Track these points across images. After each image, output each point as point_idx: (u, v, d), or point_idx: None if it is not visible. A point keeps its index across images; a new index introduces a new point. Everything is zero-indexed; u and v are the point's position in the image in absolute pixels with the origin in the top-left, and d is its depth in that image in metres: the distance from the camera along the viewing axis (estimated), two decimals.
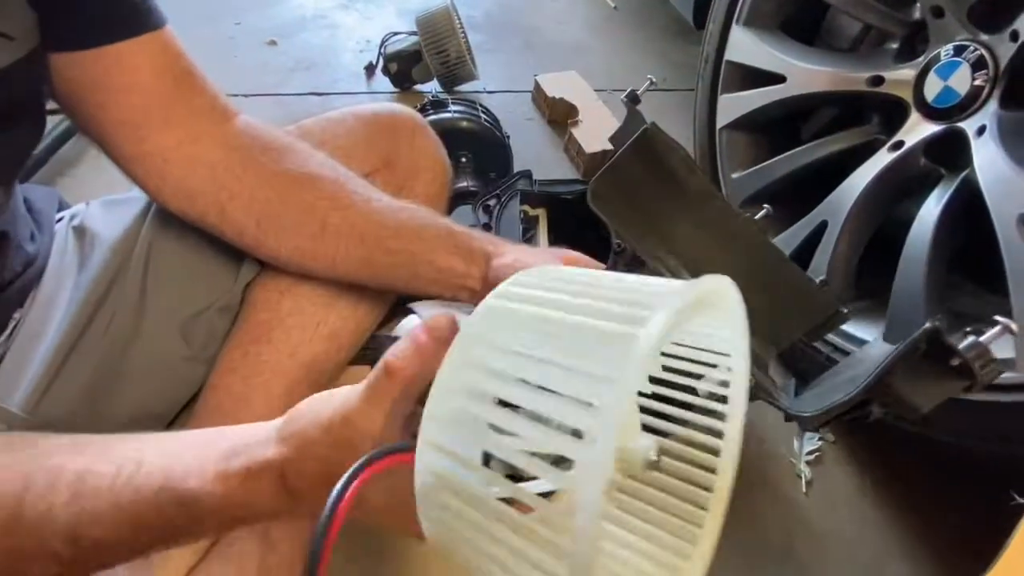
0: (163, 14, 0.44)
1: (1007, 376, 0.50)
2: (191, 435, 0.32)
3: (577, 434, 0.18)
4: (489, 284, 0.50)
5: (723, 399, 0.25)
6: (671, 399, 0.25)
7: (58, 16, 0.38)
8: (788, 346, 0.47)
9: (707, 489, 0.25)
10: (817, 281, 0.51)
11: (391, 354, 0.25)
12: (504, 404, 0.20)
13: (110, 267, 0.50)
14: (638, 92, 0.59)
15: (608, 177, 0.56)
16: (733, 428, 0.25)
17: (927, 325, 0.27)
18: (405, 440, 0.25)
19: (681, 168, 0.46)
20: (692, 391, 0.25)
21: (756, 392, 0.29)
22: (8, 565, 0.27)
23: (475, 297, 0.52)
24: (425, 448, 0.21)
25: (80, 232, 0.53)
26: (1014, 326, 0.28)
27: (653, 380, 0.25)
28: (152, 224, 0.52)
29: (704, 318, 0.23)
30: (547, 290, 0.21)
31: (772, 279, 0.46)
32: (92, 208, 0.56)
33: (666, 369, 0.25)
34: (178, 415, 0.54)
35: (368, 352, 0.64)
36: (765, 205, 0.55)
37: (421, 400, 0.23)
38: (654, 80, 0.61)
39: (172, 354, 0.51)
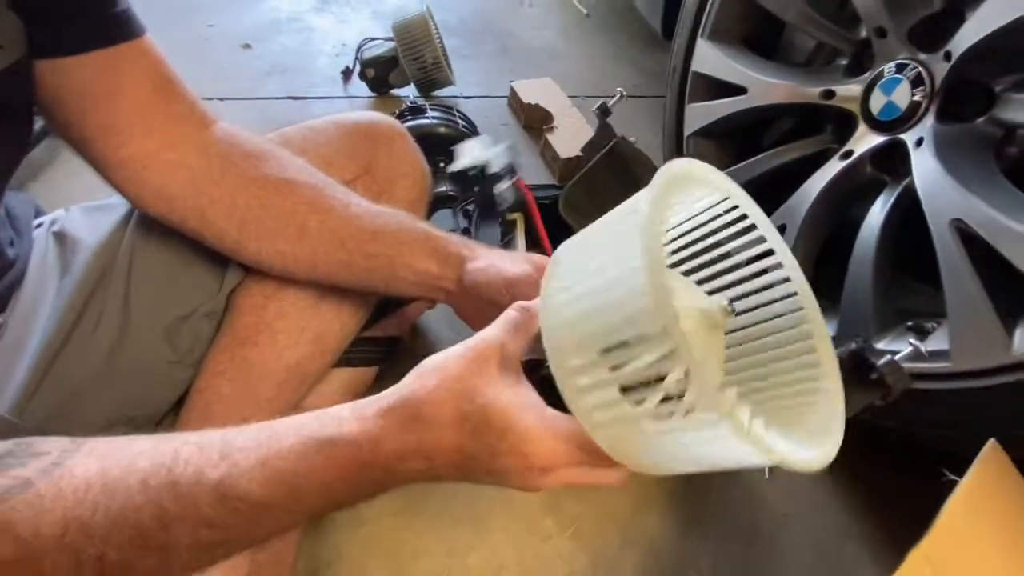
0: (142, 23, 0.45)
1: (944, 366, 0.55)
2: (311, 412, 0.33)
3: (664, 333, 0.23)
4: (463, 286, 0.53)
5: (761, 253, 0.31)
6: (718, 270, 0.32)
7: (44, 24, 0.39)
8: None
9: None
10: None
11: (525, 302, 0.33)
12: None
13: (93, 272, 0.50)
14: (608, 104, 0.62)
15: (579, 186, 0.60)
16: (788, 262, 0.31)
17: (852, 345, 0.31)
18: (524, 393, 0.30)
19: (649, 179, 0.49)
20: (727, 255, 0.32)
21: None
22: (161, 536, 0.27)
23: (450, 298, 0.55)
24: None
25: (61, 238, 0.53)
26: (922, 347, 0.32)
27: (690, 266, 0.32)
28: (135, 230, 0.52)
29: (691, 193, 0.30)
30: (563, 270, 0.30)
31: None
32: (72, 214, 0.56)
33: (695, 253, 0.32)
34: (163, 418, 0.55)
35: (351, 354, 0.66)
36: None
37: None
38: (624, 92, 0.64)
39: (157, 358, 0.52)
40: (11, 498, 0.25)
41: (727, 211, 0.31)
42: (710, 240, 0.31)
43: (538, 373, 0.32)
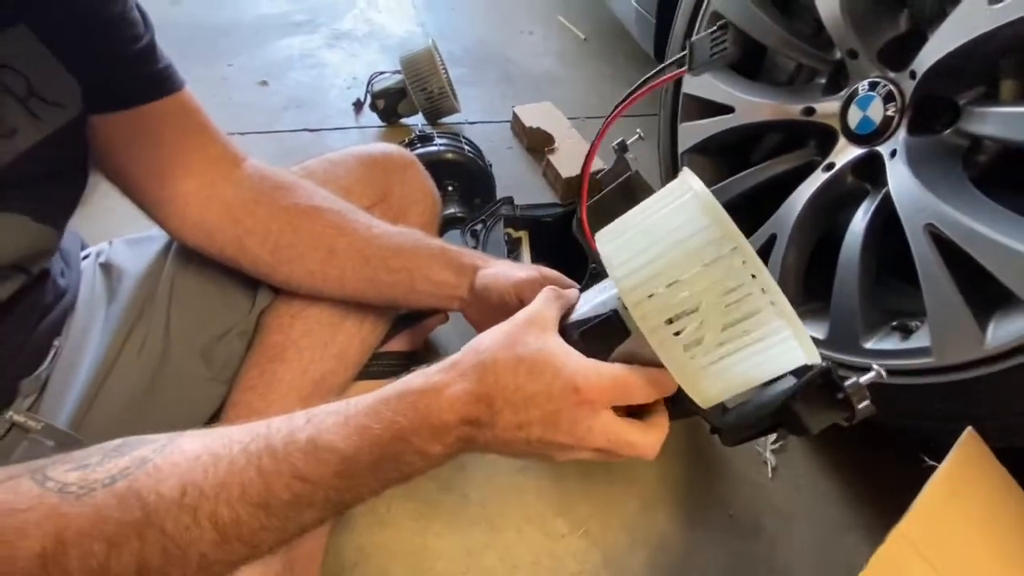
0: (181, 77, 0.49)
1: (927, 361, 0.58)
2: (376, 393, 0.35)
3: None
4: (475, 292, 0.58)
5: None
6: None
7: (98, 84, 0.44)
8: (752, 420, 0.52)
9: None
10: None
11: (548, 289, 0.39)
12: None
13: (137, 300, 0.55)
14: (627, 142, 0.67)
15: (592, 210, 0.64)
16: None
17: (822, 365, 0.34)
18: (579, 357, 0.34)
19: None
20: None
21: (694, 410, 0.35)
22: (262, 498, 0.30)
23: (463, 305, 0.60)
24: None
25: (107, 268, 0.58)
26: (884, 373, 0.35)
27: None
28: (174, 259, 0.58)
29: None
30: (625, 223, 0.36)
31: None
32: (116, 246, 0.61)
33: None
34: None
35: (371, 368, 0.70)
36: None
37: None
38: (641, 134, 0.70)
39: (195, 376, 0.56)
40: (134, 471, 0.29)
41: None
42: None
43: (574, 334, 0.36)
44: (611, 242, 0.35)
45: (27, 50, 0.39)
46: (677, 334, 0.31)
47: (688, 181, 0.32)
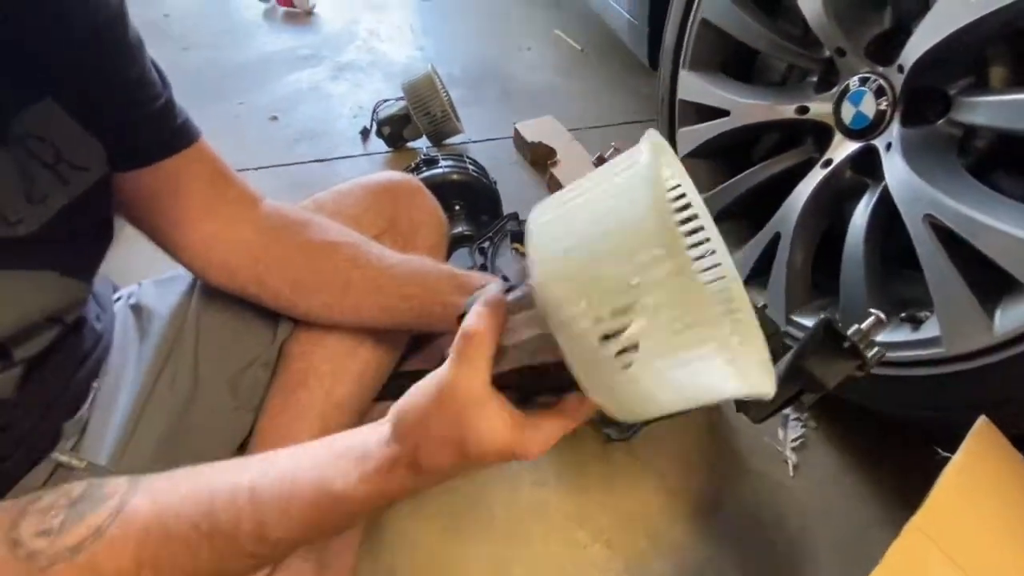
0: (198, 128, 0.52)
1: (938, 351, 0.58)
2: (325, 446, 0.37)
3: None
4: None
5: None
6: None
7: (122, 146, 0.46)
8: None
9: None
10: (759, 305, 0.58)
11: (463, 326, 0.33)
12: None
13: (167, 337, 0.58)
14: (605, 156, 0.69)
15: None
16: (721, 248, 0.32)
17: (822, 316, 0.35)
18: (492, 392, 0.32)
19: None
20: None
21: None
22: (215, 566, 0.34)
23: None
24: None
25: (137, 309, 0.62)
26: (883, 316, 0.35)
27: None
28: (199, 297, 0.61)
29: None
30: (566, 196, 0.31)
31: None
32: (145, 288, 0.64)
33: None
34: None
35: (389, 389, 0.73)
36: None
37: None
38: (616, 146, 0.72)
39: (224, 406, 0.59)
40: (92, 545, 0.32)
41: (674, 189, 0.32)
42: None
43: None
44: (542, 216, 0.30)
45: (54, 120, 0.41)
46: (607, 338, 0.26)
47: (641, 148, 0.27)
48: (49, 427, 0.48)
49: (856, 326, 0.35)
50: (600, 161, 0.71)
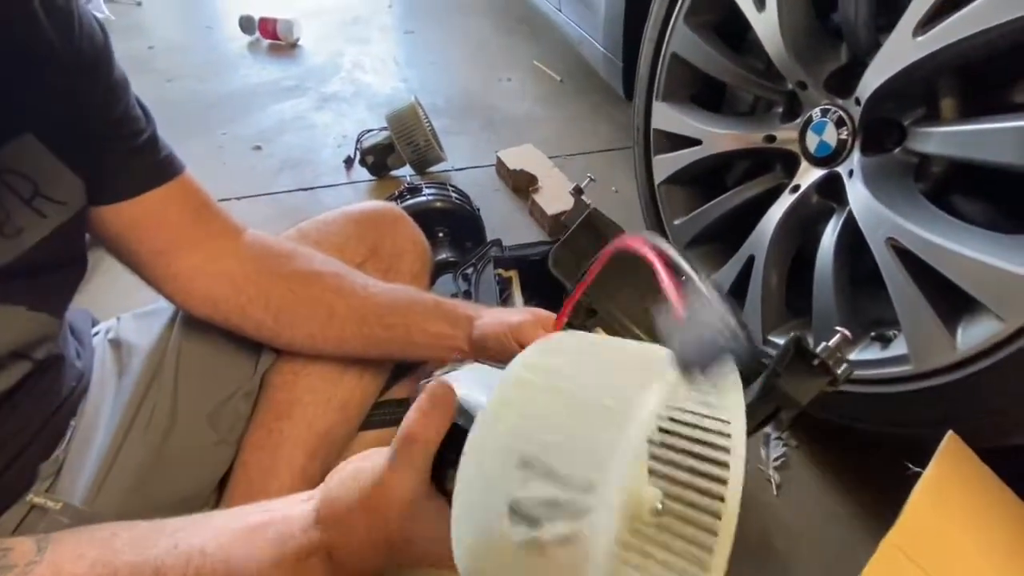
0: (181, 161, 0.52)
1: (906, 368, 0.60)
2: (243, 518, 0.34)
3: (588, 488, 0.21)
4: (474, 342, 0.60)
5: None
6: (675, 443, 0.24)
7: (104, 179, 0.46)
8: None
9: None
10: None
11: (405, 425, 0.30)
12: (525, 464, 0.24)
13: (146, 372, 0.57)
14: (582, 186, 0.72)
15: (563, 249, 0.68)
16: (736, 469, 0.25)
17: (792, 335, 0.36)
18: (432, 495, 0.30)
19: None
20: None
21: None
22: None
23: (464, 355, 0.62)
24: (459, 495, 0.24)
25: (116, 344, 0.60)
26: (848, 333, 0.37)
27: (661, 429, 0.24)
28: (179, 329, 0.60)
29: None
30: (554, 359, 0.26)
31: None
32: (124, 321, 0.64)
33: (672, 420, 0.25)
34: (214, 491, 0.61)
35: (374, 418, 0.72)
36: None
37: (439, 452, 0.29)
38: (592, 177, 0.74)
39: (203, 441, 0.58)
40: None
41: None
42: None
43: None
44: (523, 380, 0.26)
45: (33, 156, 0.41)
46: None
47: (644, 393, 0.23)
48: (25, 467, 0.47)
49: (824, 344, 0.36)
50: (577, 192, 0.73)
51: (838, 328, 0.37)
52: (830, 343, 0.36)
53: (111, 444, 0.53)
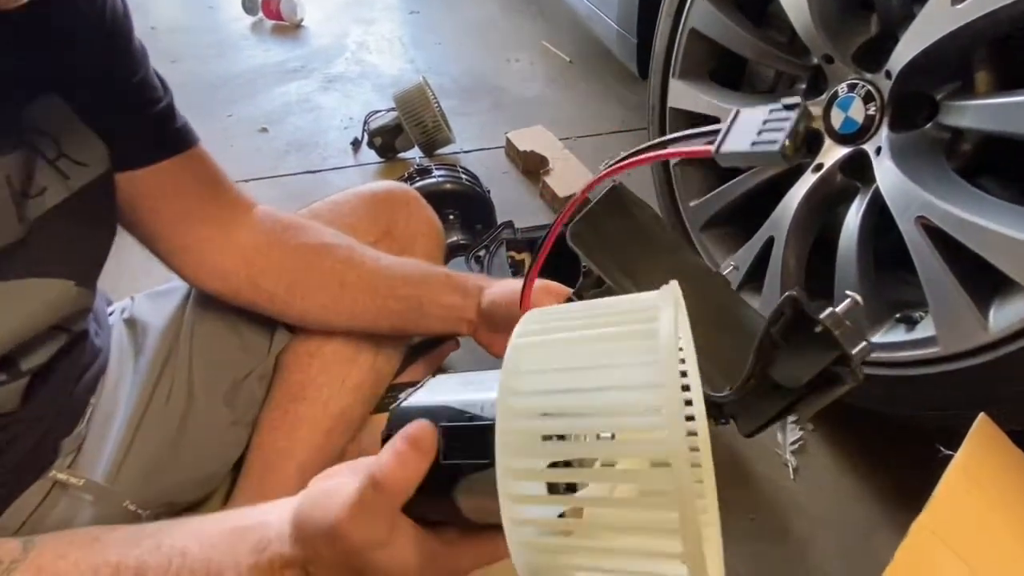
0: (196, 133, 0.52)
1: (934, 351, 0.59)
2: (224, 522, 0.34)
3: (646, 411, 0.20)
4: (483, 312, 0.59)
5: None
6: None
7: (123, 145, 0.46)
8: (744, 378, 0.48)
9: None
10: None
11: (377, 468, 0.26)
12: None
13: (161, 351, 0.57)
14: (600, 167, 0.69)
15: (582, 224, 0.66)
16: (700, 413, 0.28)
17: (788, 293, 0.30)
18: (402, 529, 0.27)
19: (652, 224, 0.51)
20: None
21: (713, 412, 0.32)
22: None
23: (471, 327, 0.61)
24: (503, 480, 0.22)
25: (131, 323, 0.61)
26: (859, 298, 0.31)
27: None
28: (192, 309, 0.60)
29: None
30: (559, 320, 0.24)
31: (730, 321, 0.47)
32: (138, 301, 0.63)
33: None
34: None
35: (387, 401, 0.72)
36: (732, 262, 0.56)
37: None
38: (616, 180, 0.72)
39: (220, 421, 0.58)
40: None
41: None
42: None
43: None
44: (528, 338, 0.24)
45: (57, 115, 0.41)
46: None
47: (659, 316, 0.21)
48: (48, 444, 0.47)
49: (830, 308, 0.30)
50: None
51: (848, 292, 0.32)
52: (837, 308, 0.30)
53: (130, 422, 0.53)
